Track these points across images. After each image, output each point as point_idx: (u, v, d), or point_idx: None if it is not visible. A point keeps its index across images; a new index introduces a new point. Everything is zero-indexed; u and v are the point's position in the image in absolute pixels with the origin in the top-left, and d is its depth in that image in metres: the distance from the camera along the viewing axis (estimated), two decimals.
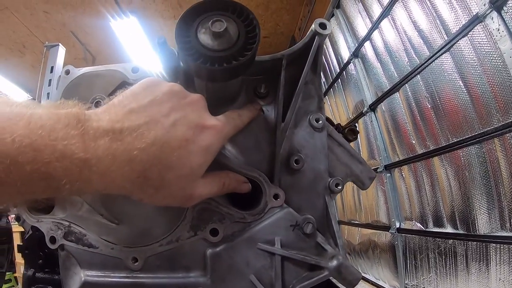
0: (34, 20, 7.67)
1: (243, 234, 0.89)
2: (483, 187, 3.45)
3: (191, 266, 0.91)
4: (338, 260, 0.87)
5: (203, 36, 0.69)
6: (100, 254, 0.94)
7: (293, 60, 0.95)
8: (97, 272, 0.94)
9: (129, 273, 0.92)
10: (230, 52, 0.69)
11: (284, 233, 0.89)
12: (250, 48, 0.70)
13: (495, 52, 3.08)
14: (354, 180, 1.07)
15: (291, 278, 0.89)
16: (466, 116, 3.51)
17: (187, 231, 0.90)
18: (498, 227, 3.30)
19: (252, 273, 0.88)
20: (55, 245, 0.97)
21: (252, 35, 0.71)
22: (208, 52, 0.68)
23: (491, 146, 3.29)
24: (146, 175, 0.62)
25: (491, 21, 3.03)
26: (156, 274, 0.91)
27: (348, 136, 1.14)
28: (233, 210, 0.89)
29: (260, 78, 0.98)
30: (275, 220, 0.89)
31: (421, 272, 4.55)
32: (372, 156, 5.64)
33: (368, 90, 5.47)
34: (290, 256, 0.88)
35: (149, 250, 0.91)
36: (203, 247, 0.90)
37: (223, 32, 0.67)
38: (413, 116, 4.38)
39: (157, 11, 7.75)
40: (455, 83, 3.58)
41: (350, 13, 5.73)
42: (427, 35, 3.94)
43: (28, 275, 1.17)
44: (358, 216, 6.63)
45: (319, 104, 1.00)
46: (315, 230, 0.90)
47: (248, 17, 0.71)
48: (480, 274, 3.52)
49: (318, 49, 0.93)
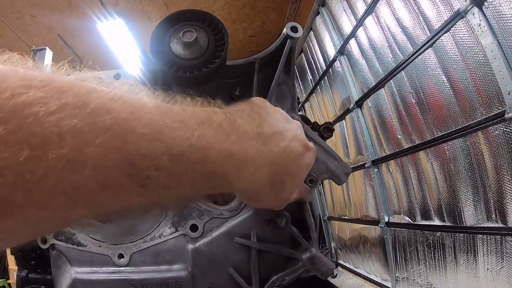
0: (21, 24, 7.61)
1: (221, 229, 0.94)
2: (468, 180, 3.49)
3: (173, 260, 0.95)
4: (311, 252, 0.91)
5: (176, 46, 0.74)
6: (88, 251, 0.98)
7: (266, 62, 0.99)
8: (86, 269, 0.98)
9: (116, 268, 0.96)
10: (200, 60, 0.74)
11: (259, 228, 0.94)
12: (219, 55, 0.75)
13: (476, 47, 3.12)
14: (330, 176, 1.11)
15: (267, 270, 0.94)
16: (450, 110, 3.55)
17: (169, 227, 0.94)
18: (484, 219, 3.33)
19: (231, 265, 0.92)
20: (46, 244, 1.01)
21: (221, 43, 0.75)
22: (180, 61, 0.73)
23: (475, 139, 3.33)
24: (274, 179, 0.69)
25: (472, 16, 3.07)
26: (142, 269, 0.95)
27: (324, 133, 1.18)
28: (211, 207, 0.94)
29: (235, 81, 1.02)
30: (251, 216, 0.94)
31: (411, 265, 4.58)
32: (360, 152, 5.68)
33: (354, 87, 5.51)
34: (265, 249, 0.93)
35: (134, 246, 0.95)
36: (184, 242, 0.94)
37: (193, 42, 0.72)
38: (399, 111, 4.42)
39: (144, 12, 7.73)
40: (439, 78, 3.62)
41: (335, 11, 5.75)
42: (410, 32, 3.98)
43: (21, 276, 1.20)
44: (348, 211, 6.65)
45: (293, 104, 1.04)
46: (289, 224, 0.95)
47: (217, 26, 0.76)
48: (468, 265, 3.56)
49: (290, 51, 0.97)
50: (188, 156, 0.50)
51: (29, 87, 0.38)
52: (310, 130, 1.09)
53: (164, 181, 0.48)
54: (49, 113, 0.37)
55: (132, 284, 0.95)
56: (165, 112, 0.51)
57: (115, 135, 0.42)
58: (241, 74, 1.00)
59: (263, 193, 0.72)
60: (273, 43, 0.99)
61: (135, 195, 0.46)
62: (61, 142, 0.38)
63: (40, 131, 0.36)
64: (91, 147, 0.40)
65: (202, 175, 0.54)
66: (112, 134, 0.42)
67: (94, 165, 0.40)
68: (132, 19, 7.50)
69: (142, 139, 0.45)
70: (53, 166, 0.37)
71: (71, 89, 0.42)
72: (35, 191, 0.37)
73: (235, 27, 8.37)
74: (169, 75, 0.75)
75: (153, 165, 0.46)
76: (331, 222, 7.72)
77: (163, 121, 0.49)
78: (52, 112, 0.38)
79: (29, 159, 0.36)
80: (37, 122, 0.36)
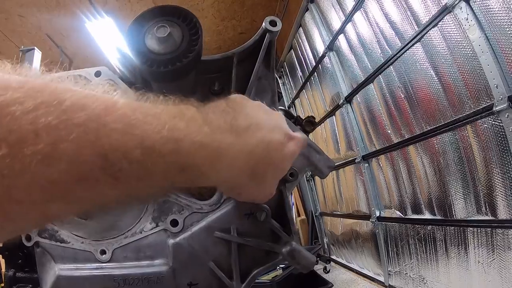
0: (9, 24, 7.57)
1: (201, 224, 0.94)
2: (458, 173, 3.52)
3: (155, 255, 0.96)
4: (291, 246, 0.92)
5: (150, 41, 0.74)
6: (71, 248, 0.98)
7: (245, 57, 0.99)
8: (70, 265, 0.99)
9: (99, 265, 0.97)
10: (174, 55, 0.74)
11: (239, 222, 0.94)
12: (193, 49, 0.75)
13: (464, 41, 3.14)
14: (313, 169, 1.12)
15: (248, 264, 0.94)
16: (438, 104, 3.57)
17: (150, 222, 0.95)
18: (474, 212, 3.36)
19: (211, 260, 0.93)
20: (30, 242, 1.01)
21: (195, 38, 0.76)
22: (154, 56, 0.73)
23: (464, 133, 3.35)
24: (254, 171, 0.69)
25: (460, 11, 3.08)
26: (124, 264, 0.96)
27: (306, 127, 1.19)
28: (191, 201, 0.94)
29: (214, 76, 1.02)
30: (230, 210, 0.94)
31: (402, 259, 4.61)
32: (350, 147, 5.70)
33: (343, 83, 5.52)
34: (245, 243, 0.93)
35: (115, 242, 0.95)
36: (165, 237, 0.95)
37: (167, 37, 0.72)
38: (388, 106, 4.45)
39: (133, 11, 7.69)
40: (427, 73, 3.64)
41: (324, 7, 5.76)
42: (398, 27, 3.99)
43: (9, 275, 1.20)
44: (339, 207, 6.68)
45: (273, 98, 1.04)
46: (269, 218, 0.95)
47: (192, 21, 0.76)
48: (459, 258, 3.58)
49: (270, 45, 0.98)
50: (160, 148, 0.51)
51: (6, 89, 0.39)
52: (292, 124, 1.10)
53: (137, 173, 0.49)
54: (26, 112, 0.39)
55: (114, 279, 0.95)
56: (137, 108, 0.52)
57: (89, 130, 0.43)
58: (219, 69, 1.00)
59: (243, 185, 0.72)
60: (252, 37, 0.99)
61: (109, 188, 0.48)
62: (37, 139, 0.39)
63: (17, 129, 0.38)
64: (66, 142, 0.41)
65: (175, 166, 0.54)
66: (85, 129, 0.43)
67: (69, 159, 0.42)
68: (121, 17, 7.47)
69: (114, 133, 0.46)
70: (29, 161, 0.38)
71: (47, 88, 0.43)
72: (13, 187, 0.38)
73: (225, 24, 8.37)
74: (145, 70, 0.76)
75: (125, 158, 0.47)
76: (323, 218, 7.75)
77: (135, 116, 0.50)
78: (28, 111, 0.39)
79: (6, 156, 0.37)
80: (14, 121, 0.38)
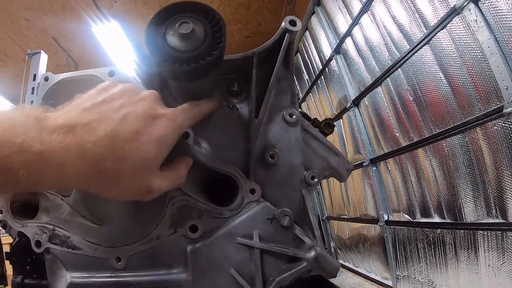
0: (15, 28, 7.58)
1: (221, 230, 0.90)
2: (467, 176, 3.49)
3: (172, 263, 0.92)
4: (316, 251, 0.88)
5: (172, 38, 0.71)
6: (84, 255, 0.95)
7: (265, 57, 0.96)
8: (82, 273, 0.96)
9: (113, 272, 0.93)
10: (197, 52, 0.70)
11: (262, 227, 0.91)
12: (217, 47, 0.72)
13: (473, 43, 3.12)
14: (332, 172, 1.09)
15: (271, 270, 0.91)
16: (448, 107, 3.54)
17: (167, 228, 0.91)
18: (485, 215, 3.33)
19: (233, 267, 0.89)
20: (40, 248, 0.98)
21: (218, 35, 0.73)
22: (176, 53, 0.70)
23: (473, 135, 3.32)
24: (99, 168, 0.63)
25: (469, 12, 3.06)
26: (139, 272, 0.92)
27: (324, 130, 1.16)
28: (211, 206, 0.91)
29: (233, 76, 0.99)
30: (252, 214, 0.91)
31: (411, 263, 4.58)
32: (358, 151, 5.68)
33: (351, 86, 5.50)
34: (268, 249, 0.90)
35: (131, 249, 0.92)
36: (183, 243, 0.91)
37: (190, 33, 0.69)
38: (396, 109, 4.42)
39: (139, 14, 7.70)
40: (436, 75, 3.62)
41: (331, 10, 5.74)
42: (406, 29, 3.97)
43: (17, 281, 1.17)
44: (347, 210, 6.66)
45: (293, 99, 1.01)
46: (292, 222, 0.92)
47: (215, 17, 0.73)
48: (469, 261, 3.55)
49: (289, 46, 0.95)
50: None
51: None
52: (311, 126, 1.07)
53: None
54: None
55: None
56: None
57: None
58: (238, 69, 0.98)
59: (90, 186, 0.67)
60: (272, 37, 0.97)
61: None
62: None
63: None
64: None
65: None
66: None
67: None
68: (127, 21, 7.47)
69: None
70: None
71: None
72: None
73: (230, 28, 8.34)
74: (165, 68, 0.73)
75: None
76: (330, 222, 7.72)
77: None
78: None
79: None
80: None
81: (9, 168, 0.55)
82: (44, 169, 0.58)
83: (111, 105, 0.68)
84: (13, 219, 1.01)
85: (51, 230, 0.96)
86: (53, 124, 0.61)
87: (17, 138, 0.55)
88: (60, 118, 0.63)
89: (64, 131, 0.60)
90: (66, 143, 0.60)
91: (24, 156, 0.56)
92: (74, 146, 0.60)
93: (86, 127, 0.62)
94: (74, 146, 0.60)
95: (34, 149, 0.57)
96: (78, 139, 0.61)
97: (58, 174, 0.60)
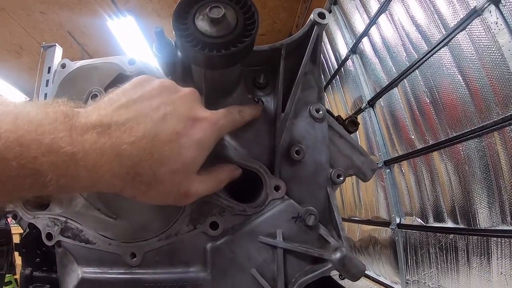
0: (31, 21, 7.64)
1: (243, 227, 0.87)
2: (483, 181, 3.46)
3: (191, 260, 0.89)
4: (342, 252, 0.85)
5: (201, 22, 0.67)
6: (97, 250, 0.92)
7: (292, 50, 0.93)
8: (95, 269, 0.92)
9: (127, 269, 0.90)
10: (228, 38, 0.67)
11: (286, 226, 0.88)
12: (249, 34, 0.68)
13: (493, 45, 3.08)
14: (355, 172, 1.06)
15: (293, 272, 0.87)
16: (465, 110, 3.51)
17: (186, 224, 0.88)
18: (499, 221, 3.30)
19: (254, 267, 0.86)
20: (51, 241, 0.95)
21: (250, 22, 0.69)
22: (206, 39, 0.66)
23: (490, 140, 3.29)
24: (136, 171, 0.60)
25: (489, 14, 3.03)
26: (155, 269, 0.89)
27: (349, 127, 1.12)
28: (233, 203, 0.87)
29: (259, 68, 0.97)
30: (276, 213, 0.88)
31: (422, 268, 4.55)
32: (372, 152, 5.63)
33: (366, 86, 5.47)
34: (292, 249, 0.86)
35: (147, 245, 0.89)
36: (203, 241, 0.88)
37: (221, 18, 0.66)
38: (412, 111, 4.38)
39: (154, 9, 7.73)
40: (454, 78, 3.58)
41: (347, 9, 5.72)
42: (425, 30, 3.93)
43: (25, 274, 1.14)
44: (358, 212, 6.63)
45: (319, 94, 0.98)
46: (318, 222, 0.88)
47: (246, 3, 0.69)
48: (481, 268, 3.52)
49: (317, 39, 0.92)
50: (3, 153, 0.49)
51: None
52: (336, 123, 1.04)
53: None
54: None
55: (145, 285, 0.89)
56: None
57: None
58: (265, 61, 0.95)
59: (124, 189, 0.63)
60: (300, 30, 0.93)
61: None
62: None
63: None
64: None
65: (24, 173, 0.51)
66: None
67: None
68: (142, 16, 7.51)
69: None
70: None
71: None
72: None
73: None
74: (193, 54, 0.69)
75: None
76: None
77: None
78: None
79: None
80: None
81: (36, 170, 0.51)
82: (75, 172, 0.55)
83: (150, 102, 0.65)
84: (24, 210, 0.98)
85: (63, 223, 0.93)
86: (85, 122, 0.57)
87: (45, 137, 0.51)
88: (93, 115, 0.59)
89: (98, 131, 0.57)
90: (100, 144, 0.56)
91: (54, 157, 0.52)
92: (109, 147, 0.57)
93: (123, 126, 0.59)
94: (109, 147, 0.57)
95: (65, 150, 0.53)
96: (114, 140, 0.57)
97: (91, 177, 0.57)
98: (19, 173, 0.50)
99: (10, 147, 0.48)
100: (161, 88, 0.68)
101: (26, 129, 0.50)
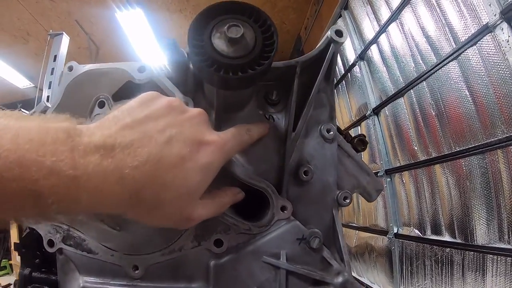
0: (39, 8, 7.62)
1: (248, 246, 0.87)
2: (483, 198, 3.44)
3: (193, 276, 0.89)
4: (344, 277, 0.85)
5: (218, 41, 0.65)
6: (99, 260, 0.91)
7: (306, 67, 0.92)
8: (96, 279, 0.92)
9: (129, 281, 0.90)
10: (246, 60, 0.65)
11: (290, 247, 0.87)
12: (267, 56, 0.67)
13: (503, 63, 3.06)
14: (361, 192, 1.05)
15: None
16: (470, 125, 3.49)
17: (191, 241, 0.87)
18: (497, 239, 3.29)
19: (256, 285, 0.86)
20: (53, 248, 0.94)
21: (269, 43, 0.68)
22: (222, 59, 0.64)
23: (493, 157, 3.28)
24: (139, 196, 0.58)
25: (501, 32, 3.01)
26: (157, 283, 0.89)
27: (357, 146, 1.10)
28: (238, 221, 0.87)
29: (271, 84, 0.95)
30: (281, 233, 0.87)
31: (416, 279, 4.54)
32: (373, 160, 5.62)
33: (372, 94, 5.44)
34: (295, 270, 0.86)
35: (151, 258, 0.88)
36: (206, 257, 0.87)
37: (239, 38, 0.64)
38: (417, 122, 4.36)
39: (164, 3, 7.73)
40: (461, 92, 3.56)
41: (358, 15, 5.69)
42: (435, 42, 3.91)
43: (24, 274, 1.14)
44: (356, 219, 6.61)
45: (331, 113, 0.97)
46: (322, 244, 0.88)
47: (266, 23, 0.68)
48: (476, 284, 3.51)
49: (333, 57, 0.90)
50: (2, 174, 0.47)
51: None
52: (345, 142, 1.03)
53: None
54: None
55: None
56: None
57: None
58: (278, 77, 0.93)
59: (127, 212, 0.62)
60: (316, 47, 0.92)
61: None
62: None
63: None
64: None
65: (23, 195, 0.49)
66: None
67: None
68: (151, 9, 7.49)
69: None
70: None
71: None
72: None
73: None
74: (206, 74, 0.67)
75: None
76: None
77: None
78: None
79: None
80: None
81: (37, 193, 0.50)
82: (77, 196, 0.53)
83: (156, 124, 0.63)
84: None
85: (65, 230, 0.93)
86: (88, 142, 0.55)
87: (47, 159, 0.50)
88: (96, 134, 0.57)
89: (101, 154, 0.55)
90: (103, 167, 0.55)
91: (55, 180, 0.50)
92: (111, 170, 0.55)
93: (127, 149, 0.57)
94: (111, 170, 0.55)
95: (66, 174, 0.51)
96: (117, 162, 0.56)
97: (92, 200, 0.55)
98: (19, 194, 0.49)
99: (10, 168, 0.47)
100: (168, 109, 0.66)
101: (27, 149, 0.49)
